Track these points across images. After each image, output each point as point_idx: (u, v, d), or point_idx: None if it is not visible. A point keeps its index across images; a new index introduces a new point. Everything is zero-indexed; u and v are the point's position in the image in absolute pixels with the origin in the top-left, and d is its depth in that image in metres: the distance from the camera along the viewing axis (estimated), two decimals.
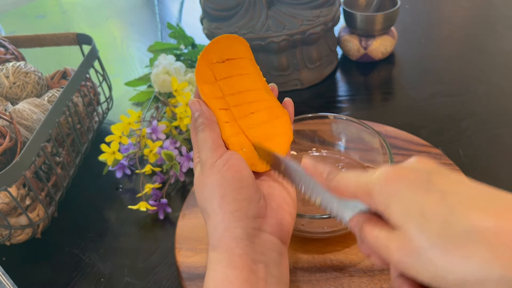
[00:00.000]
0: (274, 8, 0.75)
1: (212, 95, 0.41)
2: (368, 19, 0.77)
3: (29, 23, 1.21)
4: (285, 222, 0.38)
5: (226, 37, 0.43)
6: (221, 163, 0.37)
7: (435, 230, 0.25)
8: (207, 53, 0.42)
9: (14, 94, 0.64)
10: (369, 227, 0.29)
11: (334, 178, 0.32)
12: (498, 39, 0.84)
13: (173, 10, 1.13)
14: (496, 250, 0.23)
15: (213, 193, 0.36)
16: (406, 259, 0.26)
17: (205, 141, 0.39)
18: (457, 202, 0.25)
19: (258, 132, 0.41)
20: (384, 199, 0.28)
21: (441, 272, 0.25)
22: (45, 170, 0.60)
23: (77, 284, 0.53)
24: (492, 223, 0.24)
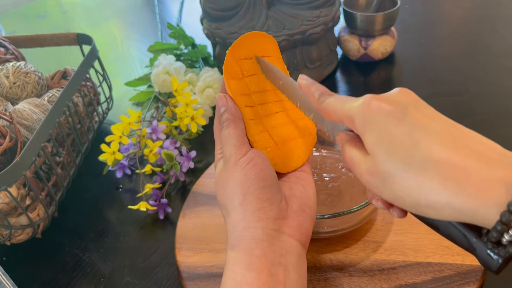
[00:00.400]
0: (274, 8, 0.75)
1: (239, 91, 0.40)
2: (368, 19, 0.77)
3: (29, 23, 1.21)
4: (305, 225, 0.37)
5: (255, 33, 0.42)
6: (245, 161, 0.37)
7: (399, 159, 0.29)
8: (236, 48, 0.41)
9: (14, 94, 0.64)
10: (348, 147, 0.33)
11: (324, 101, 0.35)
12: (498, 39, 0.84)
13: (173, 10, 1.13)
14: (446, 181, 0.27)
15: (235, 190, 0.36)
16: (373, 180, 0.31)
17: (230, 138, 0.38)
18: (422, 135, 0.29)
19: (281, 132, 0.41)
20: (362, 126, 0.31)
21: (400, 193, 0.29)
22: (45, 170, 0.60)
23: (77, 284, 0.53)
24: (446, 157, 0.27)
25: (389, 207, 0.33)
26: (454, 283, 0.45)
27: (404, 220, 0.52)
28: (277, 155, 0.40)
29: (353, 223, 0.48)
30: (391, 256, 0.49)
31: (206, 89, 0.73)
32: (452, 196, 0.27)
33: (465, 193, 0.26)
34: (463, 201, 0.26)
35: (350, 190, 0.53)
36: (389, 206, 0.33)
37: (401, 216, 0.33)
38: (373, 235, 0.51)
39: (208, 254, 0.52)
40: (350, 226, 0.49)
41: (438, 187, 0.27)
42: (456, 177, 0.27)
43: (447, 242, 0.49)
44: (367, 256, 0.49)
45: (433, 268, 0.47)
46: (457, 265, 0.47)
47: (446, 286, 0.45)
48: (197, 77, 0.76)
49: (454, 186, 0.27)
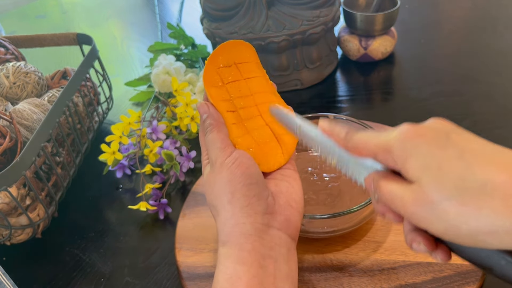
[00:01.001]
0: (274, 8, 0.75)
1: (220, 97, 0.42)
2: (368, 19, 0.77)
3: (29, 23, 1.21)
4: (293, 218, 0.38)
5: (232, 42, 0.44)
6: (231, 161, 0.38)
7: (451, 183, 0.26)
8: (214, 57, 0.43)
9: (14, 94, 0.64)
10: (385, 182, 0.31)
11: (353, 136, 0.33)
12: (498, 39, 0.84)
13: (173, 10, 1.13)
14: (509, 202, 0.24)
15: (223, 189, 0.37)
16: (421, 210, 0.27)
17: (214, 142, 0.40)
18: (473, 158, 0.27)
19: (263, 133, 0.42)
20: (403, 153, 0.29)
21: (454, 222, 0.26)
22: (45, 170, 0.60)
23: (77, 284, 0.53)
24: (506, 178, 0.25)
25: (433, 249, 0.30)
26: (454, 283, 0.45)
27: None
28: (260, 155, 0.41)
29: (353, 223, 0.48)
30: (391, 256, 0.49)
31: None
32: None
33: None
34: None
35: (350, 190, 0.53)
36: (433, 247, 0.30)
37: (445, 260, 0.30)
38: (373, 235, 0.51)
39: (208, 254, 0.52)
40: (350, 226, 0.48)
41: (501, 209, 0.24)
42: None
43: None
44: (367, 256, 0.49)
45: (433, 268, 0.47)
46: (457, 265, 0.47)
47: (446, 286, 0.45)
48: (197, 77, 0.76)
49: None
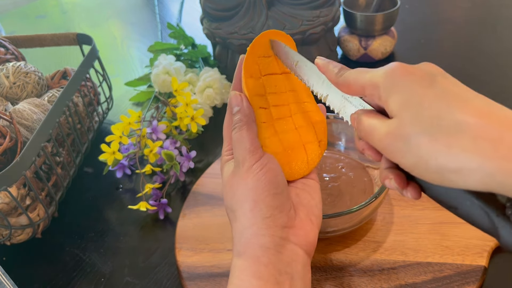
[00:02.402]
0: (274, 8, 0.75)
1: (255, 91, 0.40)
2: (368, 19, 0.77)
3: (29, 23, 1.21)
4: (311, 234, 0.37)
5: (273, 32, 0.42)
6: (259, 167, 0.36)
7: (427, 120, 0.27)
8: (255, 46, 0.40)
9: (14, 94, 0.64)
10: (366, 117, 0.32)
11: (344, 73, 0.34)
12: (498, 39, 0.84)
13: (173, 10, 1.13)
14: (479, 144, 0.25)
15: (246, 196, 0.36)
16: (395, 143, 0.29)
17: (243, 141, 0.37)
18: (453, 99, 0.27)
19: (291, 137, 0.40)
20: (388, 88, 0.30)
21: (425, 157, 0.27)
22: (45, 170, 0.60)
23: (77, 284, 0.53)
24: (480, 121, 0.26)
25: (404, 186, 0.31)
26: (454, 283, 0.45)
27: (404, 220, 0.52)
28: (285, 161, 0.39)
29: (353, 223, 0.48)
30: (391, 256, 0.49)
31: (206, 89, 0.73)
32: (485, 158, 0.25)
33: (499, 155, 0.24)
34: (496, 164, 0.24)
35: (350, 190, 0.53)
36: (404, 185, 0.31)
37: (415, 197, 0.31)
38: (373, 235, 0.51)
39: (208, 254, 0.52)
40: (350, 226, 0.49)
41: (470, 148, 0.25)
42: (490, 139, 0.25)
43: (447, 242, 0.49)
44: (367, 256, 0.49)
45: (433, 268, 0.47)
46: (457, 265, 0.47)
47: (446, 286, 0.45)
48: (197, 77, 0.76)
49: (488, 148, 0.25)
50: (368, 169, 0.55)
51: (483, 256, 0.47)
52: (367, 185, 0.53)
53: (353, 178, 0.54)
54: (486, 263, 0.47)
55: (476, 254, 0.47)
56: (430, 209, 0.53)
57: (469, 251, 0.48)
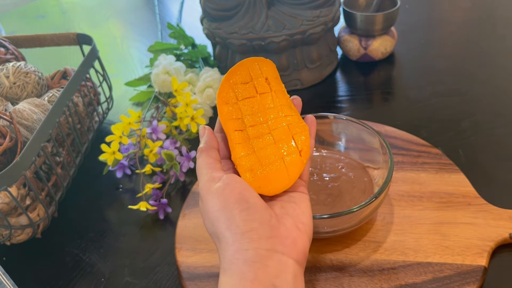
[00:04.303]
0: (274, 8, 0.75)
1: (229, 116, 0.41)
2: (368, 19, 0.77)
3: (29, 23, 1.21)
4: (300, 242, 0.36)
5: (251, 59, 0.42)
6: (221, 187, 0.36)
7: None
8: (231, 75, 0.41)
9: (14, 94, 0.64)
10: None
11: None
12: (498, 39, 0.84)
13: (173, 10, 1.13)
14: None
15: (218, 217, 0.36)
16: None
17: (201, 167, 0.38)
18: None
19: (270, 152, 0.40)
20: None
21: None
22: (45, 170, 0.60)
23: (77, 284, 0.53)
24: None
25: None
26: (454, 283, 0.45)
27: (404, 220, 0.52)
28: (263, 178, 0.39)
29: (353, 223, 0.48)
30: (391, 256, 0.49)
31: (206, 89, 0.73)
32: None
33: None
34: None
35: (350, 190, 0.53)
36: None
37: None
38: (373, 235, 0.51)
39: (208, 254, 0.52)
40: (350, 226, 0.49)
41: None
42: None
43: (447, 242, 0.49)
44: (367, 256, 0.49)
45: (433, 268, 0.47)
46: (457, 265, 0.47)
47: (446, 286, 0.45)
48: (197, 77, 0.76)
49: None
50: (368, 169, 0.55)
51: (483, 256, 0.47)
52: (367, 185, 0.53)
53: (353, 178, 0.54)
54: (486, 263, 0.47)
55: (476, 254, 0.47)
56: (430, 209, 0.53)
57: (469, 251, 0.48)
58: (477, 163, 0.60)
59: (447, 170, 0.57)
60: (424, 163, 0.58)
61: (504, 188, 0.56)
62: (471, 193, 0.54)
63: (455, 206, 0.53)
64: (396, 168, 0.58)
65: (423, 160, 0.59)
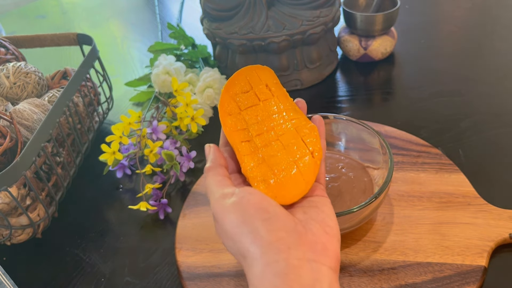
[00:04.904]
0: (274, 8, 0.75)
1: (234, 127, 0.40)
2: (368, 20, 0.77)
3: (29, 23, 1.21)
4: (330, 246, 0.34)
5: (248, 68, 0.42)
6: (237, 201, 0.34)
7: None
8: (230, 85, 0.41)
9: (14, 94, 0.64)
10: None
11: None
12: (498, 39, 0.84)
13: (173, 11, 1.13)
14: None
15: (240, 232, 0.33)
16: None
17: (209, 187, 0.37)
18: None
19: (281, 159, 0.38)
20: None
21: None
22: (45, 170, 0.60)
23: (77, 284, 0.53)
24: None
25: None
26: (454, 283, 0.45)
27: (404, 220, 0.52)
28: (278, 186, 0.37)
29: (353, 223, 0.48)
30: (391, 256, 0.49)
31: (206, 89, 0.73)
32: None
33: None
34: None
35: (350, 190, 0.53)
36: None
37: None
38: (373, 235, 0.51)
39: (208, 254, 0.52)
40: (350, 226, 0.49)
41: None
42: None
43: (447, 242, 0.49)
44: (367, 256, 0.49)
45: (433, 268, 0.47)
46: (457, 265, 0.47)
47: (446, 286, 0.45)
48: (197, 77, 0.76)
49: None
50: (368, 169, 0.55)
51: (483, 256, 0.47)
52: (367, 185, 0.53)
53: (353, 178, 0.54)
54: (486, 263, 0.47)
55: (476, 254, 0.47)
56: (430, 209, 0.53)
57: (469, 251, 0.48)
58: (477, 163, 0.60)
59: (447, 170, 0.57)
60: (424, 163, 0.58)
61: (504, 188, 0.56)
62: (471, 193, 0.54)
63: (455, 206, 0.53)
64: (396, 168, 0.58)
65: (423, 160, 0.59)
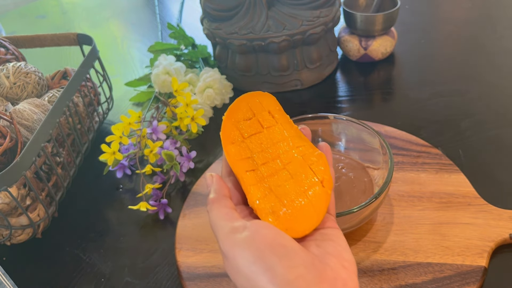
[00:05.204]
0: (274, 8, 0.75)
1: (238, 156, 0.38)
2: (368, 20, 0.77)
3: (29, 23, 1.21)
4: (350, 282, 0.32)
5: (249, 94, 0.41)
6: (250, 236, 0.32)
7: None
8: (232, 112, 0.40)
9: (14, 94, 0.64)
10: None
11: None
12: (498, 39, 0.84)
13: (174, 11, 1.13)
14: None
15: (255, 271, 0.31)
16: None
17: (215, 221, 0.34)
18: None
19: (289, 188, 0.36)
20: None
21: None
22: (45, 170, 0.60)
23: (77, 284, 0.53)
24: None
25: None
26: (454, 283, 0.45)
27: (404, 220, 0.52)
28: (289, 218, 0.35)
29: (353, 223, 0.48)
30: (391, 257, 0.49)
31: (206, 89, 0.73)
32: None
33: None
34: None
35: (350, 191, 0.53)
36: None
37: None
38: (373, 235, 0.51)
39: (208, 254, 0.52)
40: (350, 226, 0.49)
41: None
42: None
43: (447, 242, 0.49)
44: (367, 256, 0.49)
45: (433, 268, 0.47)
46: (457, 265, 0.47)
47: (446, 287, 0.45)
48: (197, 78, 0.76)
49: None
50: (368, 169, 0.55)
51: (483, 256, 0.47)
52: (367, 186, 0.53)
53: (353, 179, 0.54)
54: (486, 264, 0.47)
55: (476, 254, 0.47)
56: (430, 210, 0.53)
57: (469, 252, 0.48)
58: (477, 163, 0.60)
59: (447, 170, 0.57)
60: (424, 163, 0.58)
61: (504, 188, 0.56)
62: (471, 193, 0.54)
63: (455, 206, 0.53)
64: (396, 168, 0.58)
65: (423, 160, 0.59)
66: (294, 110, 0.73)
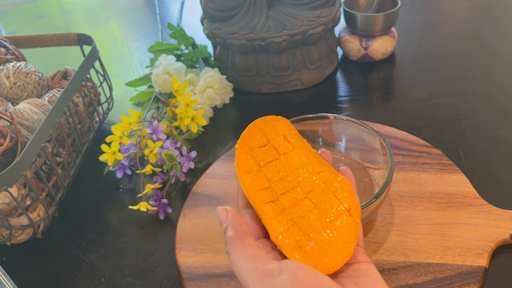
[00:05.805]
0: (274, 8, 0.75)
1: (255, 187, 0.35)
2: (369, 20, 0.77)
3: (29, 23, 1.21)
4: None
5: (261, 120, 0.39)
6: (289, 280, 0.29)
7: None
8: (245, 140, 0.37)
9: (14, 94, 0.64)
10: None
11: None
12: (499, 39, 0.84)
13: (174, 11, 1.13)
14: None
15: None
16: None
17: (239, 263, 0.31)
18: None
19: (315, 219, 0.33)
20: None
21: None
22: (45, 170, 0.60)
23: (77, 284, 0.53)
24: None
25: None
26: (455, 283, 0.45)
27: (404, 220, 0.52)
28: (317, 253, 0.32)
29: None
30: (392, 257, 0.49)
31: (206, 89, 0.73)
32: None
33: None
34: None
35: None
36: None
37: None
38: (373, 236, 0.51)
39: (208, 254, 0.52)
40: None
41: None
42: None
43: (447, 242, 0.49)
44: (368, 257, 0.49)
45: (434, 268, 0.47)
46: (458, 265, 0.47)
47: (447, 287, 0.45)
48: (197, 78, 0.76)
49: None
50: (369, 169, 0.55)
51: (484, 257, 0.47)
52: (367, 186, 0.53)
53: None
54: (486, 264, 0.47)
55: (476, 255, 0.47)
56: (430, 210, 0.53)
57: (470, 252, 0.48)
58: (477, 163, 0.59)
59: (447, 170, 0.57)
60: (425, 164, 0.58)
61: (504, 188, 0.56)
62: (471, 194, 0.54)
63: (456, 206, 0.53)
64: (397, 169, 0.58)
65: (424, 161, 0.59)
66: (294, 110, 0.73)
